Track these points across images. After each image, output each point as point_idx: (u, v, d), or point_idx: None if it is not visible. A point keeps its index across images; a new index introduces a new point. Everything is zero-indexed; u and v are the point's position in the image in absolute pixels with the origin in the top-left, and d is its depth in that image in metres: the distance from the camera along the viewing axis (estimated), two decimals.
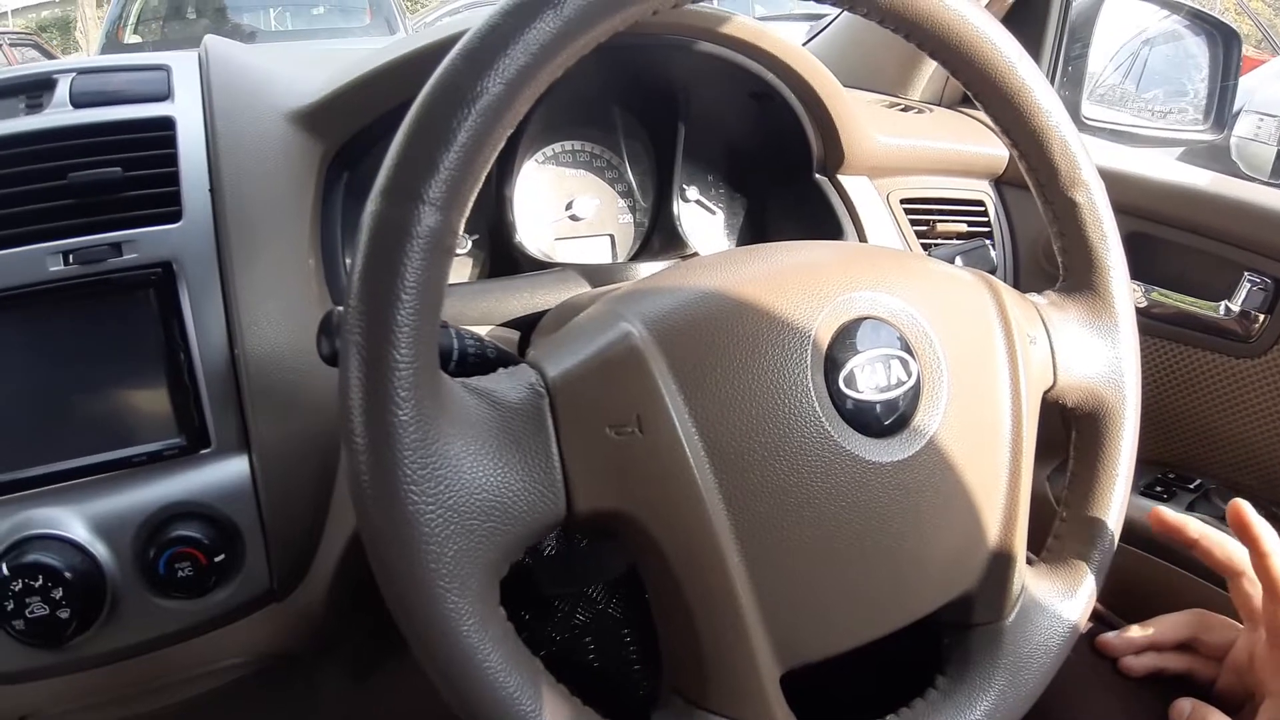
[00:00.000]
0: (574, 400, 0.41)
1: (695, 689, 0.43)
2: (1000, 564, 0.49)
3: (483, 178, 0.38)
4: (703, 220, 0.88)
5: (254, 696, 0.72)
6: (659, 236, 0.84)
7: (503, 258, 0.78)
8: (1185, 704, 0.57)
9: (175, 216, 0.59)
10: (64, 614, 0.54)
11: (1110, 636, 0.63)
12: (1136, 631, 0.63)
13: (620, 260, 0.85)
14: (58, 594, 0.53)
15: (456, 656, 0.37)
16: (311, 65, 0.71)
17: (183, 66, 0.67)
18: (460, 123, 0.36)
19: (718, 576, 0.41)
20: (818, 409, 0.42)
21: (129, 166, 0.59)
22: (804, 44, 1.13)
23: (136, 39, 4.93)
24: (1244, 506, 0.54)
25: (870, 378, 0.44)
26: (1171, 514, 0.58)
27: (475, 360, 0.50)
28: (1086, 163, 0.53)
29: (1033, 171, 0.53)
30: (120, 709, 0.65)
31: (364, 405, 0.36)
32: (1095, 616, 0.74)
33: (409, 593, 0.37)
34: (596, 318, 0.44)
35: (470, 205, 0.38)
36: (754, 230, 0.89)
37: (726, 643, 0.42)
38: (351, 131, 0.65)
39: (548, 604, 0.84)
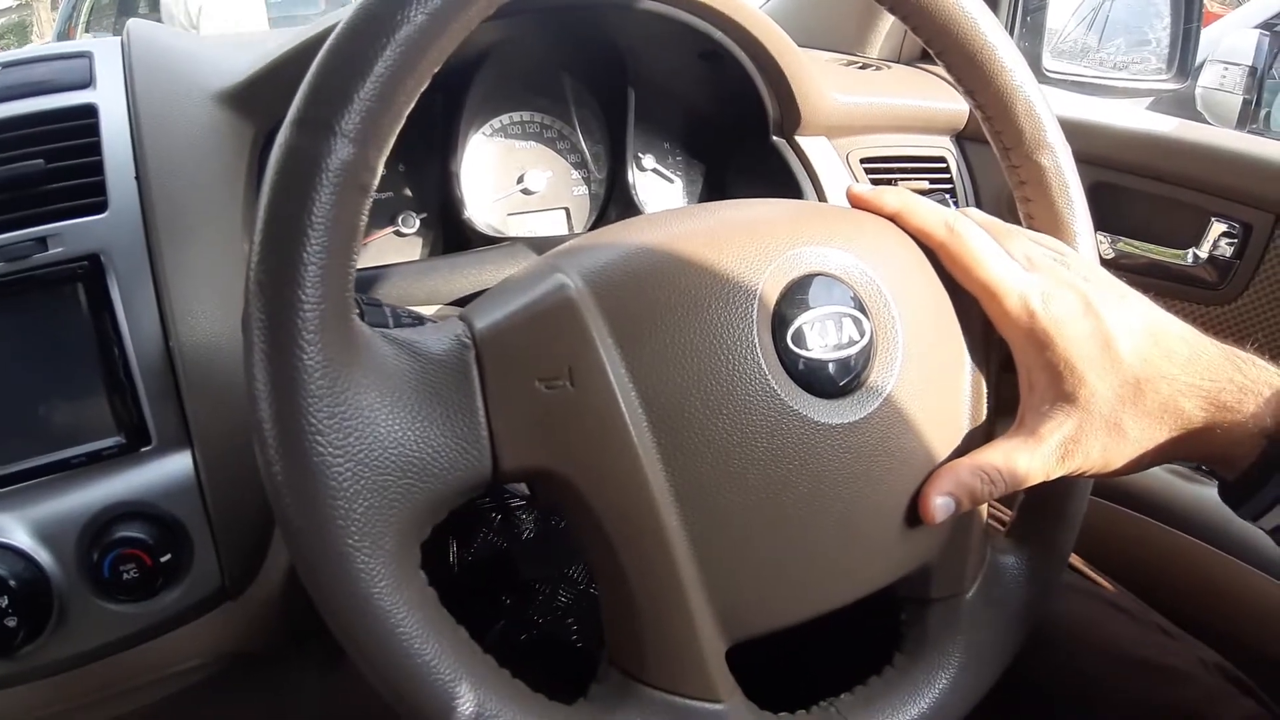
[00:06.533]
0: (502, 352, 0.38)
1: (634, 662, 0.41)
2: (961, 533, 0.47)
3: (404, 114, 0.35)
4: (660, 188, 0.86)
5: (223, 695, 0.70)
6: (615, 207, 0.82)
7: (453, 236, 0.76)
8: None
9: (101, 207, 0.57)
10: (11, 623, 0.52)
11: None
12: None
13: (576, 233, 0.83)
14: (3, 602, 0.51)
15: (366, 621, 0.35)
16: (239, 46, 0.69)
17: (105, 52, 0.64)
18: (378, 52, 0.34)
19: (655, 540, 0.39)
20: (763, 366, 0.41)
21: (52, 158, 0.57)
22: (761, 5, 1.11)
23: (89, 37, 4.85)
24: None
25: (820, 336, 0.42)
26: (862, 187, 0.51)
27: None
28: (1052, 125, 0.51)
29: (997, 135, 0.52)
30: (85, 715, 0.63)
31: (266, 346, 0.33)
32: (1071, 569, 0.73)
33: (314, 551, 0.34)
34: (532, 271, 0.42)
35: (390, 143, 0.35)
36: (713, 196, 0.88)
37: (665, 612, 0.40)
38: (283, 112, 0.62)
39: (529, 587, 0.83)
